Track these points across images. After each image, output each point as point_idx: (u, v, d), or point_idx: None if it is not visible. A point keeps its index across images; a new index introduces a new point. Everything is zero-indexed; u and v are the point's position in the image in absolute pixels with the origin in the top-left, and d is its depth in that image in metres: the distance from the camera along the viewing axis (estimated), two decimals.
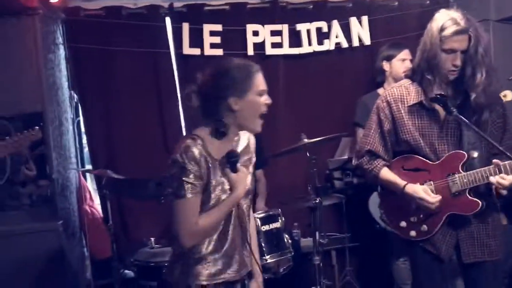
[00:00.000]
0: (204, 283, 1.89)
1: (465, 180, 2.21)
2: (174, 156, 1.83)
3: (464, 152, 2.22)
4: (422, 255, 2.34)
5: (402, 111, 2.32)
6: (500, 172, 2.12)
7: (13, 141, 2.71)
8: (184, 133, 3.85)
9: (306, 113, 3.95)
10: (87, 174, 4.00)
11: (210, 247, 1.90)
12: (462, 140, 2.25)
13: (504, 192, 2.16)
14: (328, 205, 3.40)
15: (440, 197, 2.24)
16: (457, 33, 2.14)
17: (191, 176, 1.80)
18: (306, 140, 3.04)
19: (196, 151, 1.82)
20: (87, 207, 3.77)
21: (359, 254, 4.07)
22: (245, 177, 1.92)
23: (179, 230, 1.85)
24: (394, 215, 2.42)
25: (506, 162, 2.11)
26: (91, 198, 3.89)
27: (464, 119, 2.14)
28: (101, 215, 3.82)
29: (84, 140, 3.93)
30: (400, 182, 2.32)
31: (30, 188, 3.35)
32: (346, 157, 3.34)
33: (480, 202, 2.21)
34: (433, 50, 2.18)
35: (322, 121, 3.88)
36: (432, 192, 2.27)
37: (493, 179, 2.14)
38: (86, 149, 3.98)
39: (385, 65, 3.52)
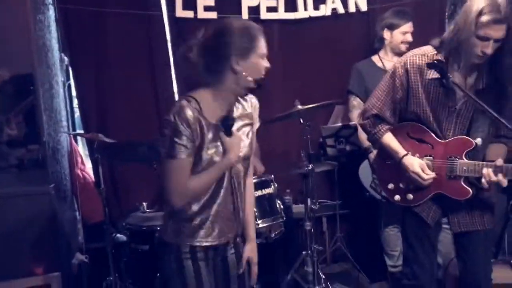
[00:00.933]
0: (194, 244, 1.91)
1: (464, 168, 2.21)
2: (168, 117, 1.83)
3: (473, 141, 2.21)
4: (412, 219, 2.38)
5: (419, 83, 2.25)
6: (499, 172, 2.12)
7: None
8: (177, 97, 3.82)
9: (300, 80, 3.92)
10: (79, 139, 3.97)
11: (200, 208, 1.90)
12: (472, 125, 2.23)
13: (486, 185, 2.16)
14: (320, 172, 3.42)
15: (434, 175, 2.25)
16: (495, 22, 2.03)
17: (183, 137, 1.80)
18: (300, 107, 3.02)
19: (189, 113, 1.80)
20: (78, 171, 3.75)
21: (350, 221, 4.12)
22: (238, 142, 1.91)
23: (169, 190, 1.85)
24: (385, 175, 2.45)
25: (510, 165, 2.11)
26: (82, 162, 3.87)
27: (464, 89, 2.11)
28: (93, 179, 3.81)
29: (75, 104, 3.88)
30: (401, 151, 2.31)
31: (20, 151, 3.31)
32: (339, 124, 3.33)
33: (471, 192, 2.23)
34: (466, 32, 2.07)
35: (317, 88, 3.86)
36: (429, 168, 2.27)
37: (485, 170, 2.15)
38: (77, 114, 3.93)
39: (386, 34, 3.44)
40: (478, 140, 2.21)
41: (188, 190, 1.85)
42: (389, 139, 2.35)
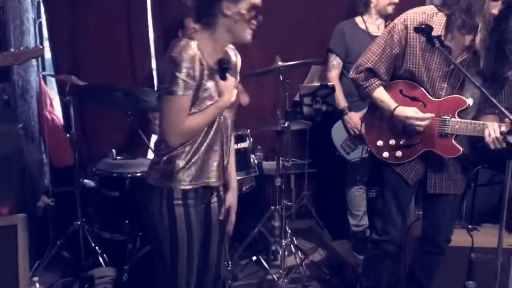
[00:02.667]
0: (186, 187, 1.92)
1: (456, 126, 2.25)
2: (171, 53, 1.81)
3: (466, 100, 2.25)
4: (391, 176, 2.44)
5: (417, 40, 2.26)
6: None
7: (13, 53, 2.61)
8: (152, 41, 3.74)
9: (280, 36, 3.87)
10: (48, 81, 3.84)
11: (192, 151, 1.91)
12: (464, 86, 2.26)
13: (492, 146, 2.19)
14: (293, 130, 3.44)
15: (433, 114, 2.27)
16: None
17: (185, 73, 1.79)
18: (280, 63, 3.01)
19: (193, 50, 1.80)
20: (47, 114, 3.65)
21: (317, 180, 4.22)
22: (232, 86, 1.92)
23: (166, 127, 1.85)
24: (374, 132, 2.46)
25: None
26: (51, 105, 3.76)
27: (449, 56, 2.14)
28: (62, 122, 3.73)
29: (45, 44, 3.73)
30: (392, 103, 2.34)
31: None
32: (318, 84, 3.35)
33: (461, 149, 2.29)
34: None
35: (297, 46, 3.84)
36: None
37: (487, 132, 2.17)
38: (47, 56, 3.79)
39: None
40: (470, 101, 2.26)
41: (186, 129, 1.85)
42: (381, 93, 2.38)
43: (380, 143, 2.43)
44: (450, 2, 2.20)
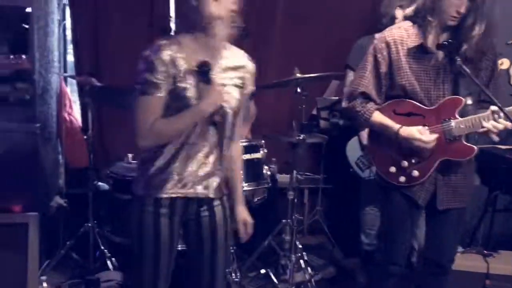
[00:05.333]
0: (159, 195, 1.86)
1: (461, 126, 2.20)
2: (144, 52, 1.81)
3: (461, 98, 2.20)
4: (400, 200, 2.37)
5: (401, 54, 2.25)
6: (499, 117, 2.11)
7: None
8: None
9: (298, 49, 3.87)
10: (68, 83, 3.89)
11: (169, 158, 1.84)
12: (458, 87, 2.23)
13: (496, 138, 2.16)
14: (308, 144, 3.42)
15: (437, 135, 2.22)
16: None
17: (156, 74, 1.77)
18: (299, 75, 2.99)
19: (166, 52, 1.78)
20: (65, 115, 3.70)
21: (331, 196, 4.17)
22: (215, 92, 1.82)
23: (135, 127, 1.82)
24: (384, 161, 2.39)
25: (507, 108, 2.09)
26: (70, 106, 3.81)
27: (466, 69, 2.10)
28: (80, 124, 3.77)
29: (69, 46, 3.79)
30: (394, 125, 2.28)
31: (7, 88, 3.23)
32: (336, 97, 3.32)
33: (475, 148, 2.22)
34: None
35: (315, 59, 3.83)
36: None
37: (487, 124, 2.13)
38: (69, 58, 3.85)
39: (398, 13, 3.33)
40: (468, 99, 2.21)
41: (153, 130, 1.79)
42: (380, 117, 2.32)
43: (393, 169, 2.35)
44: (418, 9, 2.22)
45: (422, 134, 2.22)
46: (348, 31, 3.82)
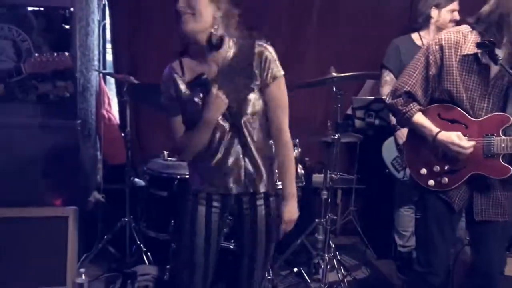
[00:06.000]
0: (195, 187, 2.01)
1: (503, 145, 2.15)
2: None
3: (510, 116, 2.14)
4: (435, 202, 2.33)
5: (454, 59, 2.19)
6: None
7: (40, 60, 2.68)
8: None
9: (334, 48, 3.86)
10: (107, 81, 3.99)
11: (199, 159, 1.99)
12: (507, 103, 2.17)
13: None
14: (343, 143, 3.40)
15: (474, 143, 2.18)
16: None
17: (164, 97, 1.97)
18: (335, 74, 2.98)
19: (166, 73, 1.95)
20: (104, 112, 3.79)
21: (365, 196, 4.14)
22: (216, 99, 1.87)
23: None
24: (417, 161, 2.36)
25: None
26: (109, 104, 3.90)
27: (509, 70, 2.05)
28: (118, 121, 3.85)
29: (107, 45, 3.88)
30: (434, 128, 2.24)
31: (49, 85, 3.33)
32: (372, 97, 3.29)
33: (511, 169, 2.17)
34: (509, 3, 2.02)
35: (351, 58, 3.80)
36: None
37: None
38: (108, 58, 3.93)
39: (433, 12, 3.34)
40: None
41: (180, 145, 1.98)
42: (421, 118, 2.29)
43: (424, 171, 2.32)
44: (483, 19, 2.14)
45: (461, 140, 2.19)
46: (385, 31, 3.78)
